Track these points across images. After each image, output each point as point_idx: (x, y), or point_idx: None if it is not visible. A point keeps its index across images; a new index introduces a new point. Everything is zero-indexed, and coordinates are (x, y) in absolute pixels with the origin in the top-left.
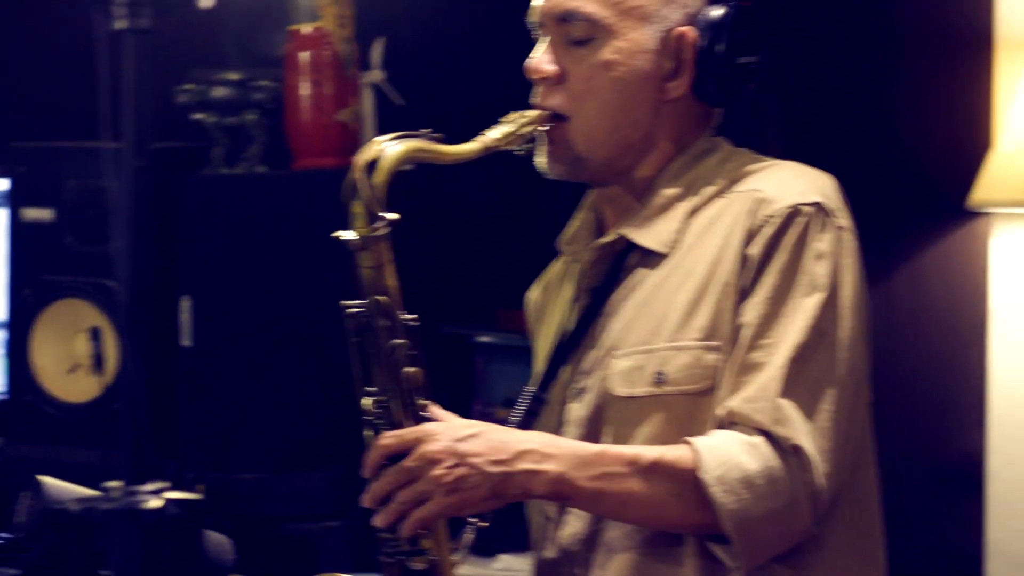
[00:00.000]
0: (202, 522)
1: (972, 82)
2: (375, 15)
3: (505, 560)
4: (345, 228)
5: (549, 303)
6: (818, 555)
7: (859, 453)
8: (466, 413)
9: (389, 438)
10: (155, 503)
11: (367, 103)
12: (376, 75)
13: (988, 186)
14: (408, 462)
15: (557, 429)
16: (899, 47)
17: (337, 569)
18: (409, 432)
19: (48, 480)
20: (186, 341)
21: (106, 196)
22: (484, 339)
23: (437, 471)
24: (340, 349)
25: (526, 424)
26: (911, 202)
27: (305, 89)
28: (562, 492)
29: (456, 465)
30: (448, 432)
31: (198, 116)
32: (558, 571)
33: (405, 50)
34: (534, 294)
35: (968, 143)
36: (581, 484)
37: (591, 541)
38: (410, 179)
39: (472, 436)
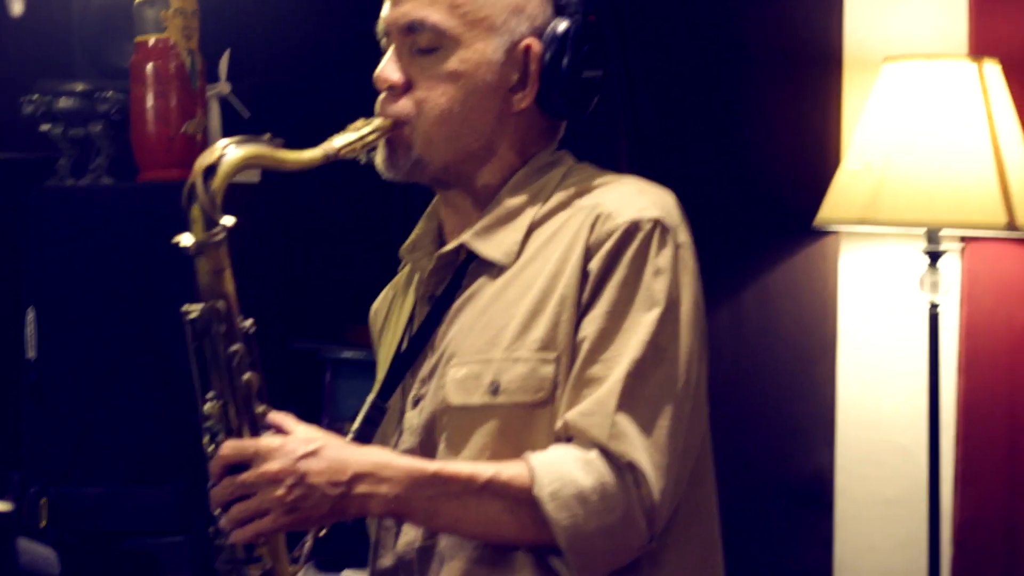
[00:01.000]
0: (13, 534)
1: (820, 101)
2: (222, 27)
3: (348, 575)
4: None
5: (392, 311)
6: (657, 569)
7: (697, 469)
8: None
9: (228, 449)
10: None
11: (214, 115)
12: (223, 87)
13: (834, 204)
14: (248, 478)
15: (395, 437)
16: (748, 65)
17: None
18: (249, 445)
19: None
20: (31, 353)
21: None
22: (333, 354)
23: (278, 491)
24: (186, 362)
25: (365, 433)
26: (760, 220)
27: (151, 101)
28: (398, 512)
29: (295, 485)
30: (288, 449)
31: (44, 127)
32: None
33: (252, 62)
34: (378, 303)
35: (816, 162)
36: (417, 504)
37: (426, 550)
38: (260, 195)
39: (311, 455)
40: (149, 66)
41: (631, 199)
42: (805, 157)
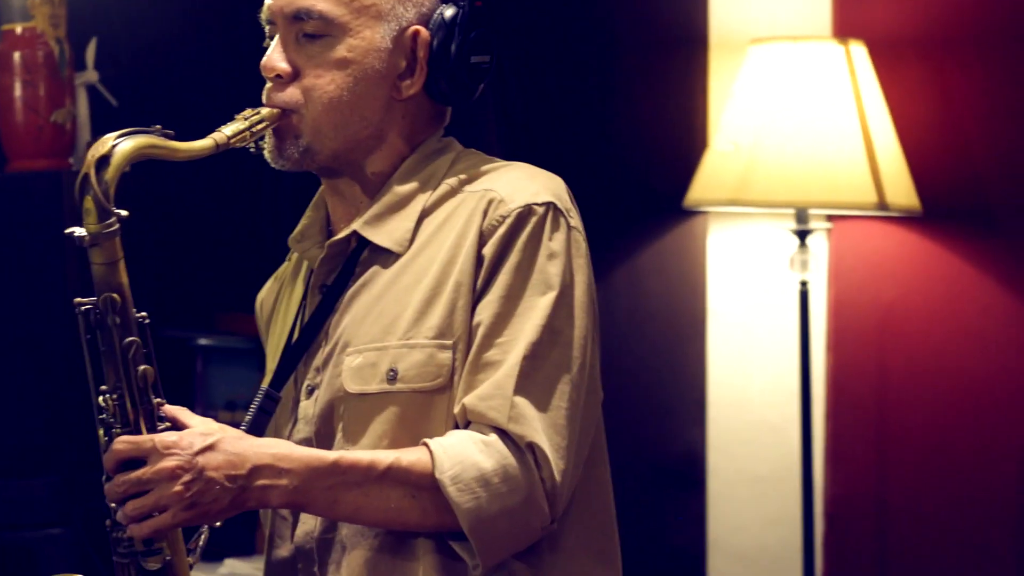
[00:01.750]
0: None
1: (687, 83)
2: (88, 14)
3: (231, 564)
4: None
5: (281, 301)
6: (556, 553)
7: (594, 450)
8: None
9: (123, 443)
10: None
11: (82, 104)
12: (91, 75)
13: (703, 185)
14: (144, 475)
15: (290, 426)
16: (615, 48)
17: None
18: (145, 440)
19: None
20: None
21: None
22: (204, 342)
23: (176, 487)
24: (62, 352)
25: (259, 423)
26: (628, 201)
27: (18, 90)
28: (299, 503)
29: (194, 480)
30: (184, 444)
31: None
32: (293, 569)
33: (119, 50)
34: (264, 293)
35: (684, 143)
36: (317, 495)
37: (326, 539)
38: (128, 182)
39: (208, 449)
40: (16, 55)
41: (523, 184)
42: (672, 138)
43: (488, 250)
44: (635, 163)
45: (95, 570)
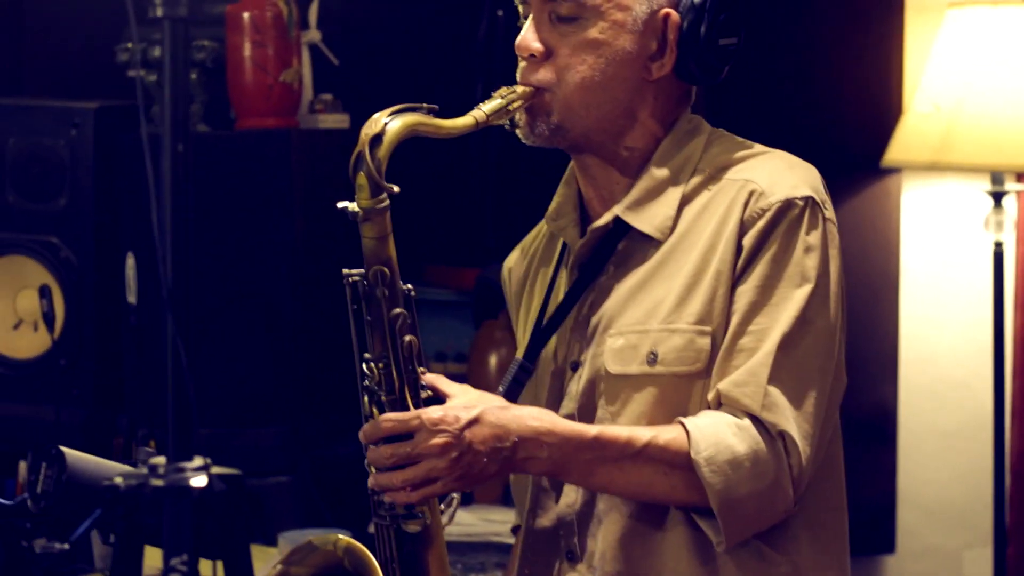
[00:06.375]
0: (244, 496)
1: (884, 45)
2: None
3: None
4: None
5: (533, 274)
6: (796, 528)
7: (833, 431)
8: None
9: (390, 421)
10: (201, 480)
11: (306, 63)
12: (314, 35)
13: (902, 146)
14: (416, 449)
15: (558, 400)
16: (815, 12)
17: (286, 522)
18: (412, 418)
19: (68, 451)
20: (131, 298)
21: (49, 153)
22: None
23: (445, 461)
24: (289, 306)
25: (512, 392)
26: (825, 160)
27: (248, 50)
28: (556, 473)
29: (463, 455)
30: (451, 419)
31: (139, 74)
32: (552, 539)
33: (339, 10)
34: (512, 263)
35: (880, 104)
36: (574, 467)
37: (586, 511)
38: (348, 138)
39: (474, 422)
40: (246, 15)
41: (782, 176)
42: (869, 100)
43: (747, 240)
44: (832, 123)
45: (321, 517)
